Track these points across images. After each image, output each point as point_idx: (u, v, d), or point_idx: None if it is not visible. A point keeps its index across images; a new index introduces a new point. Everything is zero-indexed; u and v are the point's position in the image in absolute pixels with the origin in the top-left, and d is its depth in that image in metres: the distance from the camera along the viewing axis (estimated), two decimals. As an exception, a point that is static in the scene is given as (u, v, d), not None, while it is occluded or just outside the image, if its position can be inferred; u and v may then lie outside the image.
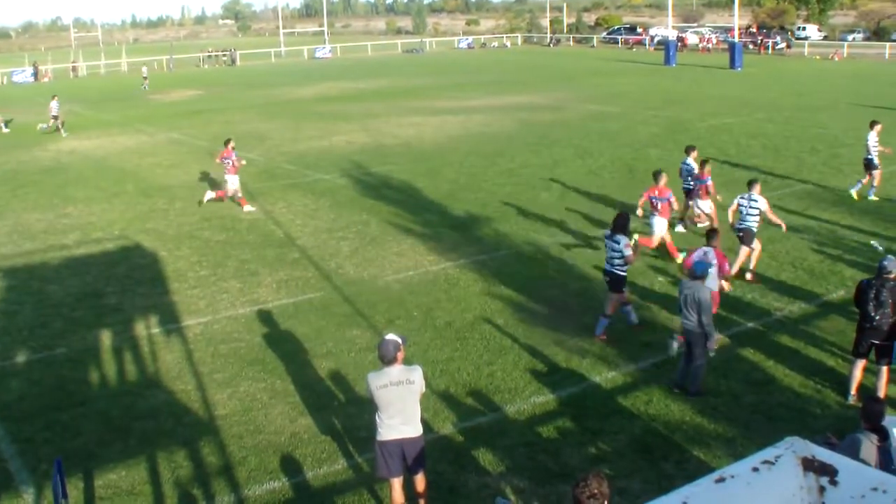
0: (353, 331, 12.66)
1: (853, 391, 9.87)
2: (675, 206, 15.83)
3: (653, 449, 9.03)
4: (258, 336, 12.62)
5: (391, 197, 21.32)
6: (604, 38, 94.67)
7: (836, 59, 62.57)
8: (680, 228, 17.15)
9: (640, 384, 10.59)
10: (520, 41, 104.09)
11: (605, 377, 10.83)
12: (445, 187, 22.22)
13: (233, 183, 20.61)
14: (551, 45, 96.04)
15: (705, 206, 16.77)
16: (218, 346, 12.29)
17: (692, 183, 17.11)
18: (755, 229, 14.03)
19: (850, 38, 77.97)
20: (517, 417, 9.86)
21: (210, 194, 20.98)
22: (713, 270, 11.06)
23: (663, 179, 15.57)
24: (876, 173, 19.09)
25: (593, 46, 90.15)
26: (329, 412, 10.15)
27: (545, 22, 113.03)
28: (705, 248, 11.47)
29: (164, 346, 12.39)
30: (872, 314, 9.54)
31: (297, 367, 11.47)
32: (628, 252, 11.72)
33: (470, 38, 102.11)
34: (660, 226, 15.41)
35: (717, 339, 10.49)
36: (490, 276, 14.89)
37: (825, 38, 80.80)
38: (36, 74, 68.82)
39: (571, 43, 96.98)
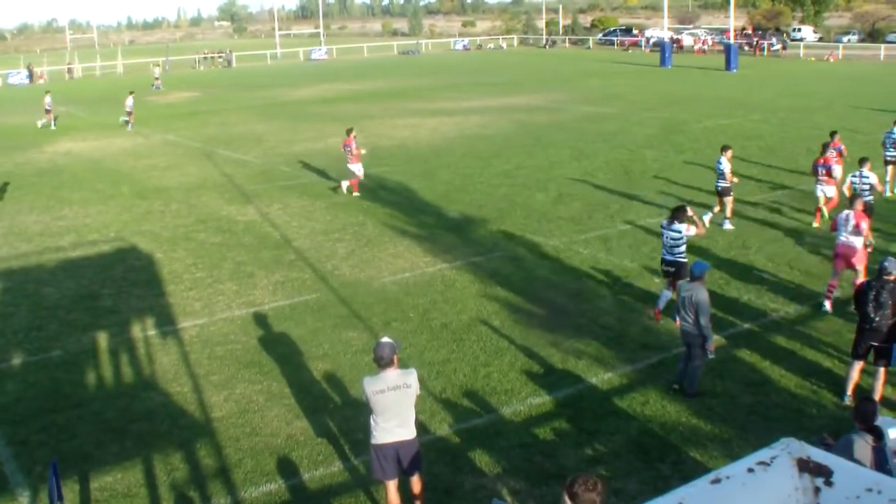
0: (350, 332, 12.65)
1: (849, 392, 9.88)
2: (838, 175, 17.30)
3: (649, 450, 9.04)
4: (254, 338, 12.61)
5: (387, 198, 21.32)
6: (599, 39, 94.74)
7: (832, 60, 62.74)
8: (707, 217, 17.23)
9: (636, 385, 10.61)
10: (516, 43, 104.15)
11: (602, 378, 10.84)
12: (441, 189, 22.23)
13: (358, 170, 21.63)
14: (547, 46, 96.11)
15: (829, 190, 17.34)
16: (214, 348, 12.28)
17: (719, 183, 17.44)
18: (871, 202, 15.88)
19: (845, 39, 78.16)
20: (513, 419, 9.86)
21: (346, 184, 21.94)
22: (864, 225, 12.59)
23: (831, 149, 17.84)
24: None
25: (589, 48, 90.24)
26: (325, 414, 10.14)
27: (541, 23, 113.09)
28: (847, 212, 12.64)
29: (160, 349, 12.38)
30: (872, 315, 9.54)
31: (293, 369, 11.46)
32: (692, 232, 12.67)
33: (466, 40, 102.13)
34: (829, 191, 17.19)
35: (715, 340, 10.50)
36: (486, 278, 14.89)
37: (820, 39, 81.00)
38: (31, 76, 68.69)
39: (567, 44, 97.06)
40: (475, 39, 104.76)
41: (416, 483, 7.69)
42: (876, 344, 9.66)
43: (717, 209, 17.64)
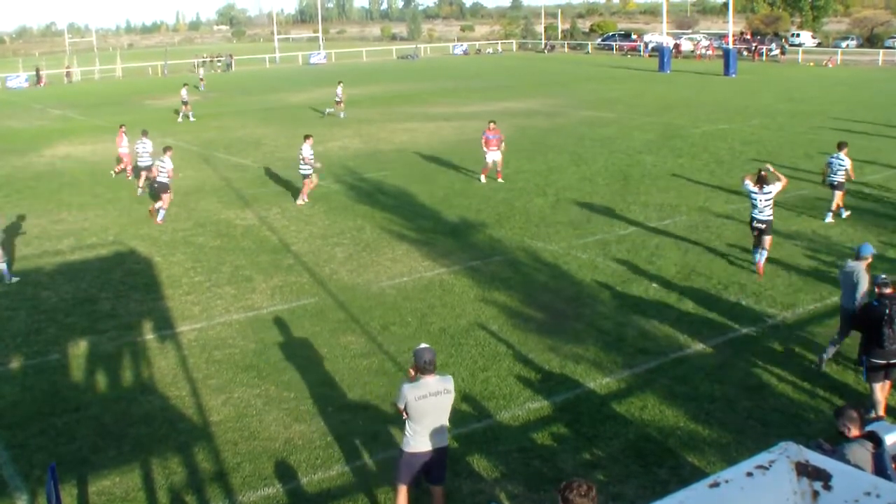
0: (348, 337, 12.66)
1: (883, 412, 9.72)
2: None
3: (647, 454, 9.04)
4: (252, 342, 12.60)
5: (385, 203, 21.33)
6: (598, 44, 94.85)
7: (831, 65, 62.85)
8: (829, 220, 18.13)
9: (634, 390, 10.61)
10: (514, 47, 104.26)
11: (600, 383, 10.84)
12: (440, 193, 22.24)
13: (492, 157, 23.21)
14: (546, 51, 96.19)
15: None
16: (212, 351, 12.28)
17: (834, 179, 18.10)
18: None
19: (843, 44, 78.29)
20: (511, 423, 9.86)
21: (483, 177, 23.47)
22: None
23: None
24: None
25: (588, 53, 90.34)
26: (323, 418, 10.14)
27: (540, 28, 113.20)
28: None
29: (158, 352, 12.37)
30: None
31: (291, 373, 11.46)
32: (779, 187, 14.77)
33: (465, 44, 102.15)
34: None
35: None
36: (484, 282, 14.90)
37: (819, 44, 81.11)
38: (39, 78, 69.09)
39: (566, 49, 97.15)
40: (474, 44, 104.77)
41: (441, 492, 7.71)
42: (894, 361, 9.50)
43: (836, 205, 18.32)
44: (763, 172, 14.90)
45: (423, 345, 7.49)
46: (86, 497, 8.67)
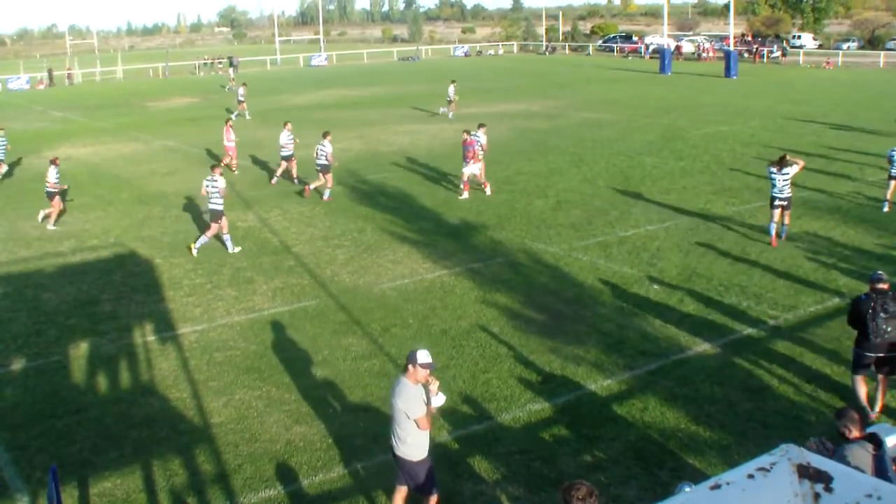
0: (349, 338, 12.66)
1: (866, 404, 9.77)
2: None
3: (648, 456, 9.04)
4: (254, 344, 12.61)
5: (386, 204, 21.34)
6: (599, 46, 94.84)
7: (829, 67, 62.81)
8: (886, 209, 18.85)
9: (635, 392, 10.61)
10: (515, 49, 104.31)
11: (601, 385, 10.84)
12: (441, 195, 22.24)
13: (468, 171, 22.47)
14: (547, 52, 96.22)
15: None
16: (213, 353, 12.28)
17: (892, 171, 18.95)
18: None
19: (844, 46, 78.27)
20: (512, 425, 9.86)
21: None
22: None
23: None
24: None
25: (589, 54, 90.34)
26: (324, 420, 10.14)
27: (541, 30, 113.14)
28: None
29: (159, 354, 12.38)
30: (884, 327, 9.44)
31: (292, 375, 11.46)
32: (797, 169, 16.65)
33: (466, 46, 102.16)
34: None
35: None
36: (485, 284, 14.90)
37: (820, 46, 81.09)
38: (52, 79, 69.62)
39: (567, 51, 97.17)
40: (475, 46, 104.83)
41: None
42: (882, 355, 9.63)
43: (889, 192, 19.13)
44: (785, 156, 16.96)
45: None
46: (87, 499, 8.68)
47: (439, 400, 7.57)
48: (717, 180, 22.92)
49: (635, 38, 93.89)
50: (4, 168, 26.84)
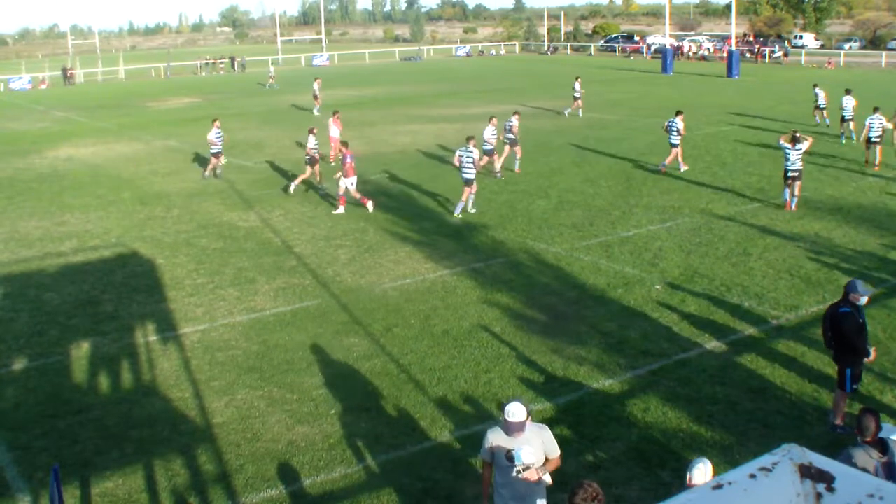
0: (351, 338, 12.66)
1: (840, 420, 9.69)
2: None
3: (650, 457, 9.03)
4: (255, 344, 12.61)
5: (388, 204, 21.34)
6: (601, 46, 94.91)
7: (830, 67, 62.78)
8: None
9: (637, 392, 10.61)
10: (517, 49, 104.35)
11: (602, 385, 10.84)
12: (442, 195, 22.24)
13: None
14: (549, 52, 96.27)
15: None
16: (215, 353, 12.28)
17: None
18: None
19: (846, 46, 78.25)
20: (514, 425, 9.84)
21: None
22: None
23: None
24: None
25: (591, 54, 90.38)
26: (326, 420, 10.14)
27: (543, 30, 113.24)
28: None
29: (161, 354, 12.38)
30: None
31: (294, 375, 11.47)
32: (807, 145, 19.27)
33: (468, 46, 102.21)
34: None
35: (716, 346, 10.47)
36: (487, 284, 14.90)
37: (822, 46, 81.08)
38: (65, 76, 70.14)
39: (569, 51, 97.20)
40: (477, 46, 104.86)
41: None
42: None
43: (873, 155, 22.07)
44: (797, 134, 19.51)
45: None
46: (88, 499, 8.68)
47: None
48: (718, 180, 22.92)
49: (637, 39, 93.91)
50: None
